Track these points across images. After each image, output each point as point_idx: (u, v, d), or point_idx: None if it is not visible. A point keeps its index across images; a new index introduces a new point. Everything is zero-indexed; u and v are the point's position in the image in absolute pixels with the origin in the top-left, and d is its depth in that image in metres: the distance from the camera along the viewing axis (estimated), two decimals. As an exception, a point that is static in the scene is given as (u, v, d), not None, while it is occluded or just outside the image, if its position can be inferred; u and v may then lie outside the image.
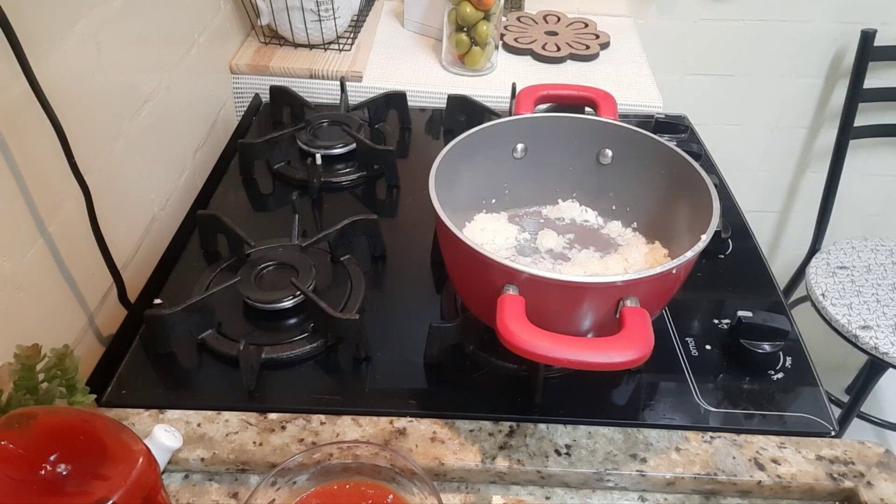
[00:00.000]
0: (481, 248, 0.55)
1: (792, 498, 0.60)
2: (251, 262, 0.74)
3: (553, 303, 0.57)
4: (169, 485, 0.58)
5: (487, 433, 0.61)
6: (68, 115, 0.63)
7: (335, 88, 1.13)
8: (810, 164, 1.70)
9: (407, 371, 0.67)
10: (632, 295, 0.55)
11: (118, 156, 0.77)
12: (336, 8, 1.15)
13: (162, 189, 0.90)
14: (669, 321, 0.73)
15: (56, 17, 0.64)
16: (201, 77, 1.02)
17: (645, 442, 0.61)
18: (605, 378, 0.67)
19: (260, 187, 0.94)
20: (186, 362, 0.67)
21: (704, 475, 0.58)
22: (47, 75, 0.60)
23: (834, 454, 0.60)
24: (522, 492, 0.60)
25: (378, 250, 0.81)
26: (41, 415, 0.45)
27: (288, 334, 0.69)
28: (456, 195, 0.68)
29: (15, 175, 0.59)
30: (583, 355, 0.51)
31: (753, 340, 0.67)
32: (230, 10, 1.14)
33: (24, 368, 0.50)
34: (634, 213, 0.76)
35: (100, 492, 0.40)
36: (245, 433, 0.60)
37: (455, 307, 0.74)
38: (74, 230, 0.68)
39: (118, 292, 0.75)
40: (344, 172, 0.95)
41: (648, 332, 0.52)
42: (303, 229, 0.82)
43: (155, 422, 0.61)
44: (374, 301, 0.75)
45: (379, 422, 0.61)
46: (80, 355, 0.57)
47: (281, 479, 0.50)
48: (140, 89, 0.83)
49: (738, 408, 0.64)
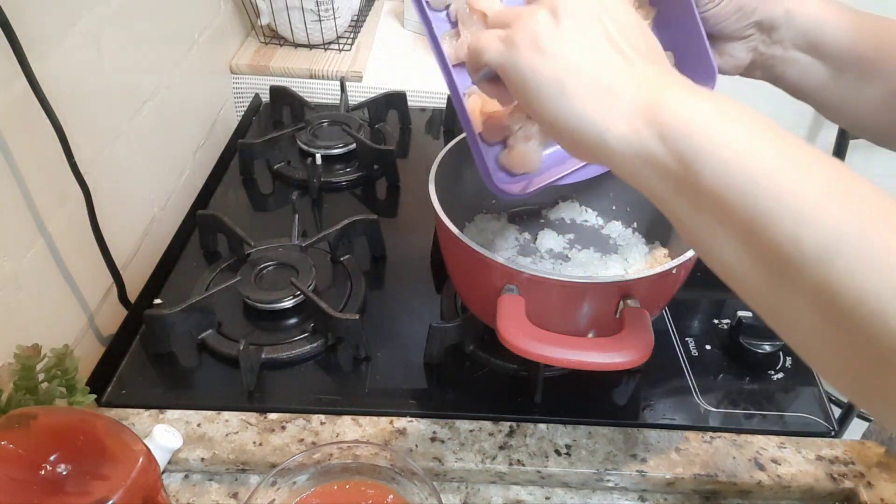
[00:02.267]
0: (481, 249, 0.56)
1: (792, 498, 0.60)
2: (251, 262, 0.74)
3: (553, 303, 0.57)
4: (169, 485, 0.58)
5: (487, 433, 0.61)
6: (68, 115, 0.63)
7: (335, 88, 1.13)
8: (810, 165, 1.70)
9: (407, 371, 0.67)
10: (632, 295, 0.55)
11: (118, 156, 0.77)
12: (336, 8, 1.15)
13: (162, 189, 0.90)
14: (669, 321, 0.73)
15: (56, 17, 0.64)
16: (201, 77, 1.02)
17: (645, 442, 0.61)
18: (605, 378, 0.67)
19: (260, 187, 0.94)
20: (186, 362, 0.67)
21: (704, 475, 0.58)
22: (47, 75, 0.60)
23: (834, 454, 0.60)
24: (522, 492, 0.60)
25: (378, 250, 0.81)
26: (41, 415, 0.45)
27: (288, 334, 0.69)
28: (456, 195, 0.68)
29: (15, 175, 0.59)
30: (583, 355, 0.51)
31: (753, 340, 0.68)
32: (230, 10, 1.14)
33: (24, 368, 0.51)
34: (634, 213, 0.76)
35: (100, 492, 0.40)
36: (245, 433, 0.60)
37: (455, 307, 0.74)
38: (74, 230, 0.68)
39: (118, 292, 0.75)
40: (344, 172, 0.95)
41: (648, 333, 0.52)
42: (303, 229, 0.82)
43: (155, 422, 0.61)
44: (374, 301, 0.75)
45: (379, 422, 0.61)
46: (80, 355, 0.57)
47: (281, 479, 0.50)
48: (140, 89, 0.83)
49: (738, 408, 0.64)
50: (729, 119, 0.34)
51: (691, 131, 0.33)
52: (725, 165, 0.32)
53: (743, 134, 0.33)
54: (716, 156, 0.33)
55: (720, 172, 0.32)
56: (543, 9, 0.39)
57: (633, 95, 0.36)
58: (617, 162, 0.37)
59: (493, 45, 0.41)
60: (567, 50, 0.38)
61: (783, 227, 0.30)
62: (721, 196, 0.32)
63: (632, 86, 0.36)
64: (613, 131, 0.36)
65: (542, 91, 0.38)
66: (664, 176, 0.35)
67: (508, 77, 0.40)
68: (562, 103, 0.38)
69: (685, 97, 0.35)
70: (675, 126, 0.34)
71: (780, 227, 0.30)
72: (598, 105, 0.37)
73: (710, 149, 0.33)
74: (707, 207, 0.33)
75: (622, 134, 0.36)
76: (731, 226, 0.33)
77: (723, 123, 0.33)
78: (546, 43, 0.38)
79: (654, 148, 0.35)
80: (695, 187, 0.34)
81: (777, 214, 0.30)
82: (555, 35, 0.38)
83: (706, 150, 0.33)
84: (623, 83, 0.37)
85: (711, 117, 0.34)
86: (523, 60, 0.39)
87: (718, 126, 0.33)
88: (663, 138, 0.34)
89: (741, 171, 0.32)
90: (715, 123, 0.33)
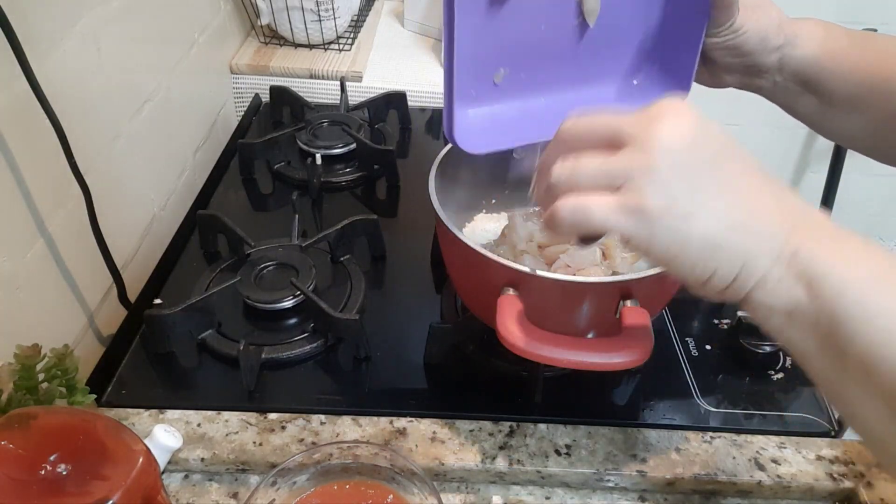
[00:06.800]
0: (481, 249, 0.55)
1: (792, 498, 0.60)
2: (251, 262, 0.74)
3: (553, 303, 0.57)
4: (169, 485, 0.58)
5: (487, 433, 0.61)
6: (68, 115, 0.63)
7: (335, 88, 1.13)
8: (810, 164, 1.70)
9: (407, 371, 0.67)
10: (632, 295, 0.55)
11: (118, 156, 0.77)
12: (336, 8, 1.15)
13: (162, 189, 0.90)
14: (669, 321, 0.73)
15: (56, 17, 0.64)
16: (201, 77, 1.02)
17: (645, 442, 0.61)
18: (605, 378, 0.67)
19: (260, 187, 0.94)
20: (186, 362, 0.67)
21: (704, 475, 0.58)
22: (47, 75, 0.60)
23: (834, 454, 0.60)
24: (522, 492, 0.60)
25: (378, 250, 0.81)
26: (41, 415, 0.45)
27: (288, 334, 0.69)
28: (456, 195, 0.68)
29: (15, 175, 0.59)
30: (583, 356, 0.51)
31: (753, 340, 0.68)
32: (230, 10, 1.14)
33: (24, 368, 0.50)
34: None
35: (100, 492, 0.40)
36: (245, 433, 0.60)
37: (455, 307, 0.74)
38: (74, 230, 0.68)
39: (118, 292, 0.75)
40: (344, 172, 0.95)
41: (648, 333, 0.52)
42: (303, 229, 0.82)
43: (155, 422, 0.61)
44: (374, 301, 0.75)
45: (379, 422, 0.61)
46: (80, 355, 0.57)
47: (281, 479, 0.50)
48: (140, 89, 0.83)
49: (738, 408, 0.64)
50: (882, 281, 0.32)
51: (842, 290, 0.32)
52: (878, 335, 0.31)
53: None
54: (868, 324, 0.31)
55: (872, 342, 0.31)
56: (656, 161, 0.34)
57: (786, 240, 0.34)
58: (761, 314, 0.36)
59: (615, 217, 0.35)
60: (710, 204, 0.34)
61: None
62: (871, 364, 0.31)
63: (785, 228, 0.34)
64: (767, 283, 0.34)
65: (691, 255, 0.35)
66: (810, 332, 0.34)
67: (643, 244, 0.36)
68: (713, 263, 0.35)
69: (836, 250, 0.33)
70: (826, 280, 0.33)
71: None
72: (753, 256, 0.34)
73: (862, 316, 0.32)
74: (853, 369, 0.32)
75: (775, 285, 0.34)
76: (879, 393, 0.32)
77: (876, 289, 0.32)
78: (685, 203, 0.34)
79: (802, 302, 0.33)
80: (840, 347, 0.32)
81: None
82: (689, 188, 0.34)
83: (858, 317, 0.32)
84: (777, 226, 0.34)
85: (866, 279, 0.32)
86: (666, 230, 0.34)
87: (873, 293, 0.32)
88: (812, 292, 0.33)
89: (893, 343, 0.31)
90: (869, 280, 0.32)
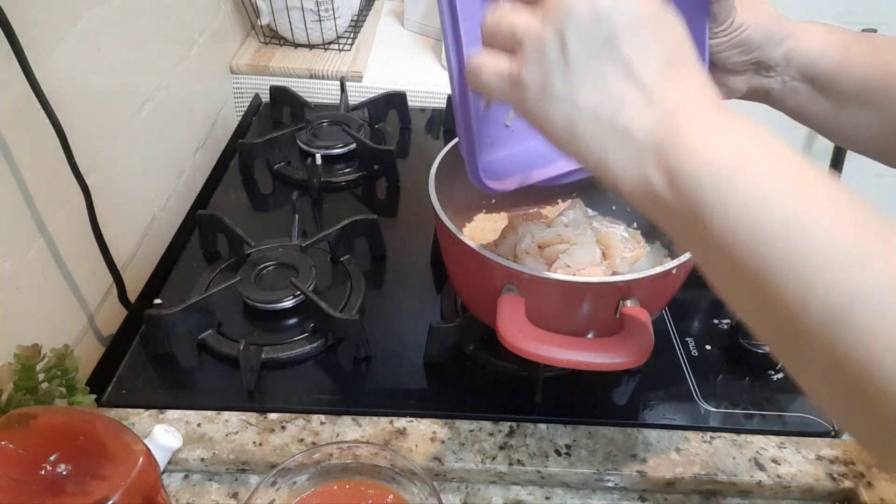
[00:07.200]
0: (481, 249, 0.55)
1: (792, 498, 0.60)
2: (251, 262, 0.74)
3: (553, 303, 0.57)
4: (169, 485, 0.58)
5: (487, 433, 0.61)
6: (68, 115, 0.63)
7: (335, 88, 1.13)
8: (810, 165, 1.69)
9: (407, 371, 0.67)
10: (632, 295, 0.55)
11: (118, 156, 0.77)
12: (336, 8, 1.15)
13: (162, 189, 0.90)
14: (669, 321, 0.73)
15: (56, 17, 0.64)
16: (201, 77, 1.02)
17: (645, 442, 0.61)
18: (605, 378, 0.67)
19: (260, 187, 0.94)
20: (186, 362, 0.67)
21: (704, 475, 0.58)
22: (47, 75, 0.60)
23: (834, 454, 0.60)
24: (522, 492, 0.60)
25: (378, 250, 0.81)
26: (41, 415, 0.45)
27: (288, 334, 0.69)
28: (456, 195, 0.68)
29: (15, 175, 0.59)
30: (583, 356, 0.51)
31: (753, 340, 0.68)
32: (230, 10, 1.14)
33: (24, 368, 0.51)
34: (635, 212, 0.76)
35: (100, 492, 0.40)
36: (245, 433, 0.60)
37: (455, 307, 0.74)
38: (74, 230, 0.68)
39: (118, 292, 0.75)
40: (344, 172, 0.95)
41: (648, 333, 0.52)
42: (303, 229, 0.82)
43: (155, 422, 0.61)
44: (374, 301, 0.75)
45: (379, 422, 0.61)
46: (80, 355, 0.57)
47: (281, 479, 0.50)
48: (140, 89, 0.83)
49: (738, 408, 0.64)
50: (742, 164, 0.31)
51: (700, 181, 0.32)
52: (734, 220, 0.31)
53: (756, 180, 0.31)
54: (723, 210, 0.31)
55: (729, 228, 0.31)
56: (550, 34, 0.35)
57: (648, 137, 0.34)
58: (630, 200, 0.36)
59: (497, 83, 0.38)
60: (579, 93, 0.35)
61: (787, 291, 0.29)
62: (731, 253, 0.31)
63: (648, 125, 0.34)
64: (627, 176, 0.35)
65: (555, 134, 0.37)
66: (675, 220, 0.34)
67: (517, 111, 0.38)
68: (573, 147, 0.37)
69: (701, 134, 0.33)
70: (685, 172, 0.32)
71: (784, 291, 0.29)
72: (612, 149, 0.35)
73: (717, 201, 0.31)
74: (717, 256, 0.32)
75: (634, 178, 0.35)
76: (741, 280, 0.31)
77: (735, 171, 0.31)
78: (557, 86, 0.35)
79: (664, 194, 0.34)
80: (703, 236, 0.32)
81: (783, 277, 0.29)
82: (565, 72, 0.35)
83: (713, 203, 0.31)
84: (639, 124, 0.35)
85: (723, 163, 0.32)
86: (533, 105, 0.37)
87: (730, 175, 0.31)
88: (672, 185, 0.33)
89: (748, 228, 0.30)
90: (727, 170, 0.31)
